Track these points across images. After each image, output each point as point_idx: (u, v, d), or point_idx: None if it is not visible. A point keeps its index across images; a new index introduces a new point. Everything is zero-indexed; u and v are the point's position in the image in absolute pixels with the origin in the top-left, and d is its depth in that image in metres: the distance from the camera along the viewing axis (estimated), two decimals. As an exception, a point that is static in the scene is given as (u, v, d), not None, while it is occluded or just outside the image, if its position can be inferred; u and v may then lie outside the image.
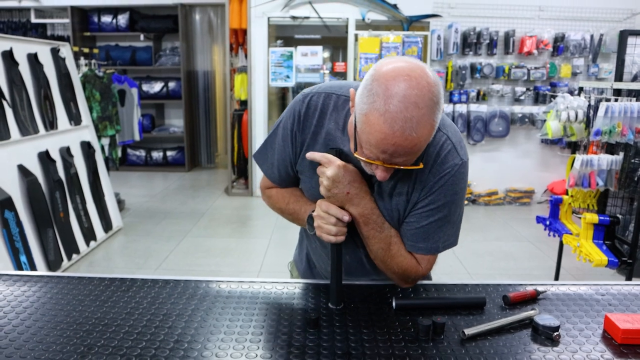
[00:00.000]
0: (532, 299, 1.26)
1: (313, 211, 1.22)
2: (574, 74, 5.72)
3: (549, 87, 5.70)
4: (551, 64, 5.64)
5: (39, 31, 7.62)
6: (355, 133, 1.05)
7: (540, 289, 1.29)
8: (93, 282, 1.30)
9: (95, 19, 7.35)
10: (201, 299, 1.21)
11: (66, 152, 4.02)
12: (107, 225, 4.48)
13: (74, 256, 3.88)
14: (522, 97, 5.72)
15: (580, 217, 2.92)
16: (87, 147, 4.37)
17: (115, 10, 7.31)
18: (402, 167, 1.04)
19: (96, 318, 1.11)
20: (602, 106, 2.67)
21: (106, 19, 7.34)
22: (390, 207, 1.21)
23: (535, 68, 5.64)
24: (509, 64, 5.64)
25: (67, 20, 7.21)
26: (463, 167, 1.17)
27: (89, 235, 4.15)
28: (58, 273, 1.36)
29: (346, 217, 1.16)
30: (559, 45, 5.61)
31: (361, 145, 1.04)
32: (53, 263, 3.58)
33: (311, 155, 1.18)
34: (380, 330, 1.09)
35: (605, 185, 2.97)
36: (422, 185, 1.17)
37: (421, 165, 1.08)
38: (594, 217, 2.82)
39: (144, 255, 4.09)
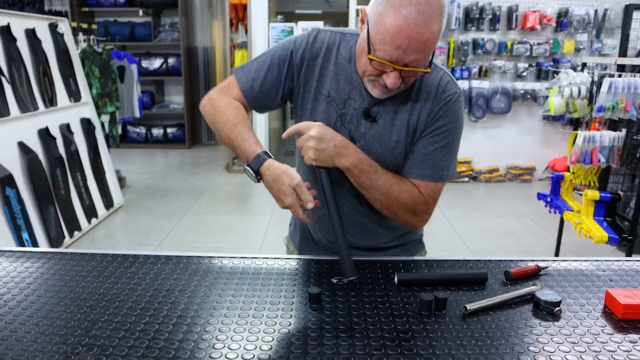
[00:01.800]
0: (534, 274, 1.26)
1: (254, 166, 1.21)
2: (577, 50, 5.67)
3: (552, 63, 5.65)
4: (554, 40, 5.58)
5: (36, 6, 7.51)
6: (368, 40, 1.11)
7: (541, 264, 1.29)
8: (96, 258, 1.30)
9: (94, -6, 7.26)
10: (203, 275, 1.21)
11: (66, 129, 4.01)
12: (108, 202, 4.49)
13: (76, 233, 3.90)
14: (524, 74, 5.68)
15: (581, 194, 2.92)
16: (87, 124, 4.35)
17: (113, -15, 7.22)
18: (413, 69, 1.10)
19: (99, 294, 1.12)
20: (606, 82, 2.65)
21: (104, -7, 7.24)
22: (390, 140, 1.26)
23: (538, 44, 5.58)
24: (511, 39, 5.58)
25: (64, -5, 7.12)
26: (461, 97, 1.28)
27: (90, 212, 4.16)
28: (60, 249, 1.37)
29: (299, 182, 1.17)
30: (563, 21, 5.54)
31: (374, 49, 1.10)
32: (55, 240, 3.59)
33: (286, 134, 1.25)
34: (383, 305, 1.09)
35: (607, 162, 2.96)
36: (427, 112, 1.25)
37: (429, 70, 1.14)
38: (595, 194, 2.82)
39: (146, 232, 4.11)
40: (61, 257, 1.31)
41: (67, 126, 4.04)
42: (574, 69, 5.59)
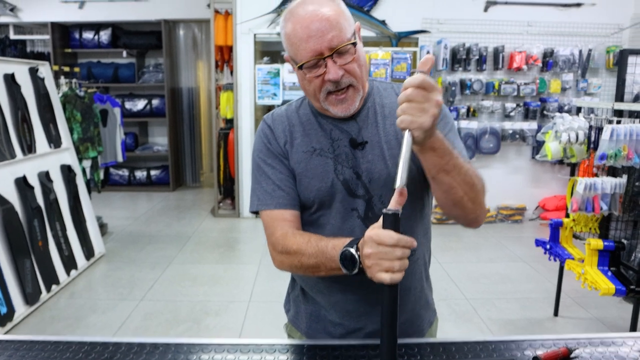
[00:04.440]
0: (565, 357, 1.14)
1: (351, 246, 1.04)
2: (564, 89, 5.68)
3: (539, 103, 5.65)
4: (541, 80, 5.59)
5: (18, 47, 7.41)
6: (292, 61, 1.18)
7: (571, 345, 1.17)
8: (71, 348, 1.14)
9: (77, 35, 7.17)
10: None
11: (45, 177, 3.84)
12: (88, 252, 4.28)
13: (54, 287, 3.69)
14: (512, 113, 5.66)
15: (582, 241, 2.82)
16: (67, 171, 4.19)
17: (97, 27, 7.14)
18: (341, 46, 1.11)
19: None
20: (607, 129, 2.58)
21: (88, 35, 7.16)
22: (390, 151, 1.21)
23: (525, 84, 5.59)
24: (498, 79, 5.58)
25: (47, 37, 7.02)
26: None
27: (70, 263, 3.96)
28: (29, 337, 1.20)
29: (415, 243, 0.97)
30: (548, 61, 5.57)
31: (297, 60, 1.15)
32: (31, 296, 3.38)
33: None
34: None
35: (610, 210, 2.87)
36: None
37: (355, 40, 1.14)
38: (599, 243, 2.72)
39: (128, 284, 3.91)
40: (29, 347, 1.14)
41: (47, 174, 3.88)
42: (561, 108, 5.63)
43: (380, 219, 0.98)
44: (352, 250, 1.03)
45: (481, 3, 5.59)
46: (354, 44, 1.14)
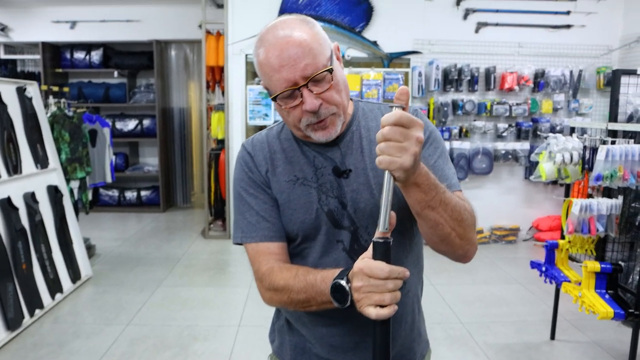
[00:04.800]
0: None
1: (341, 277, 0.98)
2: (555, 110, 5.69)
3: (531, 123, 5.65)
4: (532, 100, 5.60)
5: (9, 67, 7.38)
6: (268, 93, 1.10)
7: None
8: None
9: (68, 55, 7.15)
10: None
11: (30, 198, 3.76)
12: (75, 275, 4.18)
13: (37, 312, 3.58)
14: (504, 134, 5.65)
15: (578, 264, 2.77)
16: (54, 192, 4.11)
17: (88, 47, 7.13)
18: (316, 74, 1.03)
19: None
20: (602, 149, 2.55)
21: (79, 55, 7.14)
22: (375, 179, 1.14)
23: (517, 104, 5.59)
24: (490, 100, 5.58)
25: (38, 57, 6.98)
26: (419, 111, 1.16)
27: (55, 287, 3.85)
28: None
29: (407, 272, 0.94)
30: (540, 81, 5.58)
31: (272, 91, 1.08)
32: (12, 321, 3.27)
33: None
34: None
35: (606, 231, 2.83)
36: None
37: (331, 67, 1.06)
38: (596, 266, 2.67)
39: (115, 308, 3.80)
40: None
41: (32, 195, 3.79)
42: (553, 128, 5.63)
43: (370, 248, 0.93)
44: (343, 282, 0.97)
45: (472, 24, 5.62)
46: (330, 71, 1.06)
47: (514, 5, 5.59)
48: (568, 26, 5.65)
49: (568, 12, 5.63)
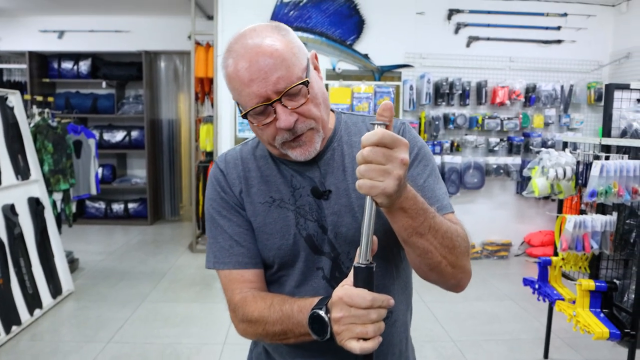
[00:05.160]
0: None
1: (319, 307, 0.90)
2: (547, 124, 5.67)
3: (523, 138, 5.62)
4: (524, 115, 5.57)
5: (-5, 77, 7.27)
6: (239, 109, 1.01)
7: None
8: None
9: (55, 65, 7.04)
10: None
11: (10, 211, 3.64)
12: (55, 290, 4.05)
13: (14, 328, 3.45)
14: (496, 148, 5.61)
15: (572, 282, 2.70)
16: (35, 204, 3.99)
17: (76, 57, 7.03)
18: (290, 88, 0.94)
19: None
20: (597, 165, 2.49)
21: (67, 65, 7.04)
22: (358, 201, 1.05)
23: (508, 118, 5.56)
24: (482, 114, 5.55)
25: (24, 66, 6.88)
26: (408, 125, 1.10)
27: (34, 302, 3.72)
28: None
29: (392, 301, 0.86)
30: (531, 96, 5.56)
31: (244, 107, 0.98)
32: (-13, 339, 3.15)
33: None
34: None
35: (600, 249, 2.76)
36: None
37: (307, 79, 0.96)
38: (590, 284, 2.60)
39: (96, 324, 3.68)
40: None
41: (12, 207, 3.68)
42: (545, 143, 5.59)
43: (351, 274, 0.84)
44: (322, 313, 0.89)
45: (463, 38, 5.59)
46: (306, 83, 0.96)
47: (505, 20, 5.58)
48: (559, 41, 5.64)
49: (559, 28, 5.63)
